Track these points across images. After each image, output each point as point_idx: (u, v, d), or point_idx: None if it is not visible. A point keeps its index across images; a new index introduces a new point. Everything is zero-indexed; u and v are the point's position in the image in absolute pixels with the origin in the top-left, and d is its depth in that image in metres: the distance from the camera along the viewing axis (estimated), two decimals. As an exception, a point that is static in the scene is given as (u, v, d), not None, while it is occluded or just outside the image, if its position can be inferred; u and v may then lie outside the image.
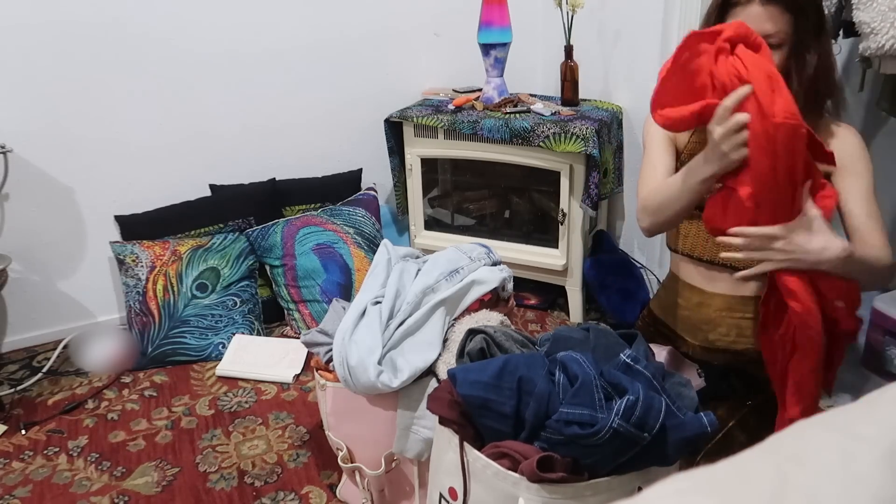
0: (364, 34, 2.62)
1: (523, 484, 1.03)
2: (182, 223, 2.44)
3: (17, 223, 2.28)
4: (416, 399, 1.44)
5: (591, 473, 1.05)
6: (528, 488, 1.03)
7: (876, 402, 0.55)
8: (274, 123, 2.59)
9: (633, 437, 1.00)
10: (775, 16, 1.26)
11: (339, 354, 1.43)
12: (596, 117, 2.28)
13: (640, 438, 1.01)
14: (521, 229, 2.61)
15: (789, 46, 1.30)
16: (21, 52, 2.15)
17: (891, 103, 2.15)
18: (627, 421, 1.00)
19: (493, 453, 1.08)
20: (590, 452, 1.03)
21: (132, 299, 2.28)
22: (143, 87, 2.34)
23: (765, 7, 1.27)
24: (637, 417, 1.00)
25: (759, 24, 1.25)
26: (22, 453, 1.89)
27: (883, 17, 1.74)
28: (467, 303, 1.55)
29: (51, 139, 2.26)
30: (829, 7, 2.02)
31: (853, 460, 0.46)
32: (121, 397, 2.12)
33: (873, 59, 1.85)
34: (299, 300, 2.43)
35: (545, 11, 2.71)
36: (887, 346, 2.02)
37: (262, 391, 2.12)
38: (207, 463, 1.82)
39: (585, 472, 1.05)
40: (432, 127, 2.44)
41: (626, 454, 1.03)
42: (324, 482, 1.74)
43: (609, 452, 1.02)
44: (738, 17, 1.28)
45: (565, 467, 1.03)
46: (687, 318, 1.54)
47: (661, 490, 0.48)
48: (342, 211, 2.55)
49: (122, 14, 2.24)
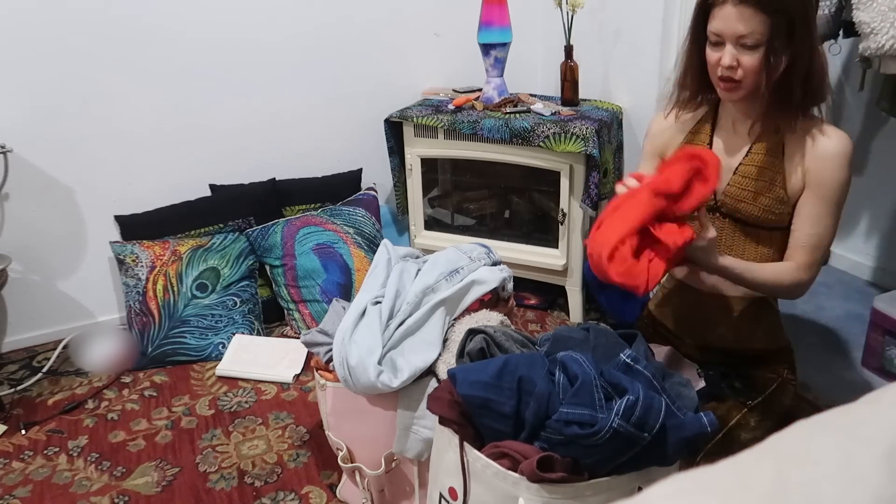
0: (364, 34, 2.62)
1: (523, 484, 1.03)
2: (182, 223, 2.44)
3: (17, 223, 2.28)
4: (416, 399, 1.44)
5: (591, 473, 1.05)
6: (528, 488, 1.03)
7: (876, 402, 0.55)
8: (274, 123, 2.59)
9: (633, 437, 1.00)
10: (748, 17, 1.25)
11: (339, 354, 1.43)
12: (596, 117, 2.28)
13: (640, 438, 1.01)
14: (521, 229, 2.61)
15: (766, 48, 1.28)
16: (21, 52, 2.15)
17: (891, 103, 2.15)
18: (627, 421, 1.00)
19: (493, 453, 1.08)
20: (590, 452, 1.03)
21: (132, 299, 2.28)
22: (144, 86, 2.34)
23: (737, 8, 1.26)
24: (637, 417, 1.00)
25: (732, 25, 1.26)
26: (22, 453, 1.89)
27: (883, 17, 1.74)
28: (467, 303, 1.55)
29: (51, 139, 2.26)
30: (829, 7, 2.02)
31: (853, 460, 0.46)
32: (121, 397, 2.12)
33: (873, 59, 1.85)
34: (299, 300, 2.42)
35: (545, 11, 2.71)
36: (887, 346, 2.02)
37: (262, 391, 2.12)
38: (207, 463, 1.82)
39: (585, 473, 1.05)
40: (432, 127, 2.44)
41: (625, 454, 1.03)
42: (324, 482, 1.74)
43: (609, 452, 1.02)
44: (715, 17, 1.29)
45: (565, 467, 1.03)
46: (685, 318, 1.54)
47: (662, 490, 0.48)
48: (342, 211, 2.55)
49: (122, 14, 2.24)
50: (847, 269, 2.70)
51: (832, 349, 2.22)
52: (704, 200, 1.25)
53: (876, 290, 2.50)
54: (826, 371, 2.10)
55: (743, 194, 1.39)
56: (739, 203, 1.40)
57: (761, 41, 1.26)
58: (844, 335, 2.28)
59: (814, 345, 2.24)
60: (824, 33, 2.08)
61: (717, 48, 1.31)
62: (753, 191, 1.38)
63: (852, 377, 2.08)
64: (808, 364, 2.13)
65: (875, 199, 2.56)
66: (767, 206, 1.37)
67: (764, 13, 1.24)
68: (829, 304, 2.48)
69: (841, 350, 2.21)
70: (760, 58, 1.27)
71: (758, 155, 1.39)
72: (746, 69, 1.29)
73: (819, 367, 2.11)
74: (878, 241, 2.59)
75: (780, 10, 1.25)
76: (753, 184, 1.38)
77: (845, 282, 2.64)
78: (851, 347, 2.20)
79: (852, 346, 2.20)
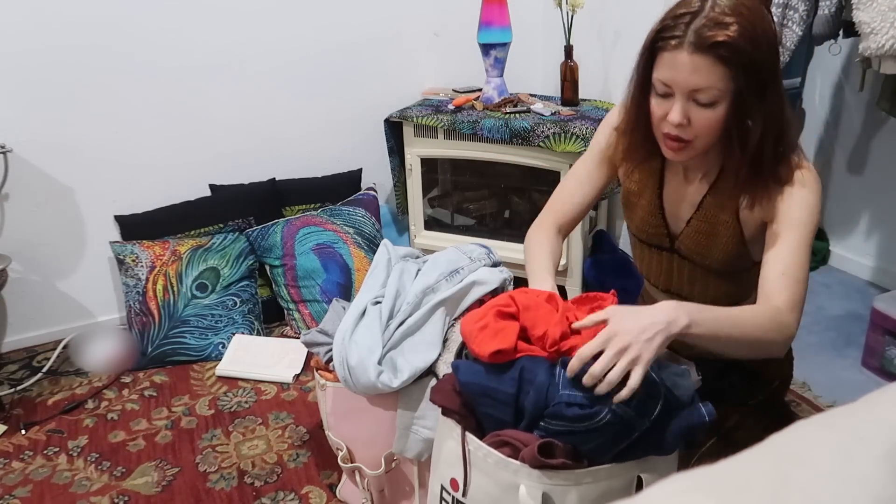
0: (364, 34, 2.62)
1: (524, 471, 1.04)
2: (182, 223, 2.44)
3: (17, 223, 2.28)
4: (416, 399, 1.44)
5: (591, 461, 1.06)
6: (528, 475, 1.03)
7: (876, 402, 0.55)
8: (274, 123, 2.59)
9: (633, 421, 1.01)
10: (705, 68, 1.03)
11: (339, 354, 1.43)
12: (596, 117, 2.28)
13: (639, 424, 1.01)
14: (521, 229, 2.59)
15: (728, 106, 1.07)
16: (21, 53, 2.15)
17: (891, 103, 2.15)
18: (628, 405, 1.00)
19: (493, 442, 1.09)
20: (589, 438, 1.03)
21: (132, 299, 2.28)
22: (144, 86, 2.34)
23: (692, 57, 1.04)
24: (637, 402, 1.00)
25: (686, 77, 1.05)
26: (22, 453, 1.89)
27: (883, 17, 1.75)
28: (467, 303, 1.54)
29: (51, 139, 2.26)
30: (829, 7, 2.02)
31: (853, 460, 0.46)
32: (121, 397, 2.12)
33: (873, 59, 1.85)
34: (299, 300, 2.42)
35: (545, 11, 2.71)
36: (887, 346, 2.02)
37: (261, 391, 2.12)
38: (207, 463, 1.82)
39: (585, 460, 1.05)
40: (432, 127, 2.44)
41: (624, 441, 1.04)
42: (324, 482, 1.74)
43: (608, 437, 1.03)
44: (665, 63, 1.08)
45: (566, 454, 1.04)
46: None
47: (662, 490, 0.48)
48: (342, 211, 2.55)
49: (122, 14, 2.24)
50: (847, 269, 2.70)
51: (832, 349, 2.22)
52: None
53: (876, 290, 2.50)
54: (826, 371, 2.10)
55: (698, 248, 1.27)
56: (696, 255, 1.29)
57: (721, 98, 1.06)
58: (844, 335, 2.28)
59: (814, 345, 2.24)
60: (824, 33, 2.08)
61: (665, 100, 1.11)
62: (707, 245, 1.26)
63: (852, 377, 2.08)
64: (808, 364, 2.13)
65: (875, 199, 2.56)
66: (726, 259, 1.25)
67: (727, 66, 1.03)
68: (829, 304, 2.48)
69: (841, 350, 2.21)
70: (716, 116, 1.08)
71: (710, 211, 1.24)
72: (699, 129, 1.09)
73: (819, 367, 2.11)
74: (878, 241, 2.59)
75: (749, 65, 1.04)
76: (706, 239, 1.26)
77: (845, 282, 2.64)
78: (851, 347, 2.20)
79: (852, 346, 2.20)
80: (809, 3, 2.03)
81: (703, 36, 1.03)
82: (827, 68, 2.63)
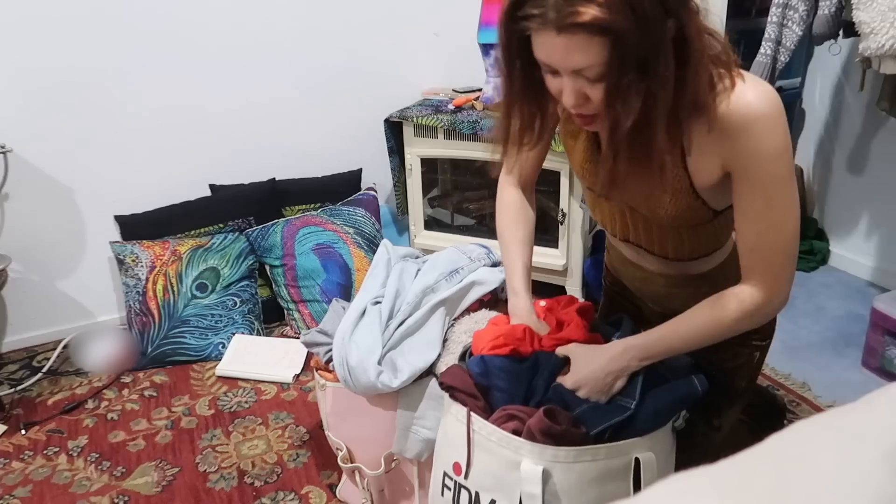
0: (364, 34, 2.62)
1: (526, 447, 1.07)
2: (182, 223, 2.44)
3: (17, 223, 2.28)
4: (416, 399, 1.44)
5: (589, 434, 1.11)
6: (530, 451, 1.07)
7: (876, 402, 0.55)
8: (274, 123, 2.59)
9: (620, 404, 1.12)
10: (578, 47, 0.88)
11: (339, 354, 1.43)
12: (596, 117, 2.27)
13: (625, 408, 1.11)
14: (521, 229, 2.60)
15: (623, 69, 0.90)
16: (21, 53, 2.15)
17: (891, 103, 2.15)
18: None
19: (500, 416, 1.12)
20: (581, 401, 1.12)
21: (132, 299, 2.28)
22: (144, 87, 2.34)
23: (561, 37, 0.88)
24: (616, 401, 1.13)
25: (562, 59, 0.91)
26: (22, 453, 1.89)
27: (883, 17, 1.75)
28: (467, 303, 1.54)
29: (51, 139, 2.26)
30: (829, 7, 2.02)
31: (853, 460, 0.46)
32: (121, 397, 2.12)
33: (873, 59, 1.85)
34: (299, 300, 2.42)
35: (545, 11, 2.71)
36: (887, 346, 2.02)
37: (261, 391, 2.12)
38: (207, 463, 1.82)
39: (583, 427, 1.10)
40: (432, 127, 2.44)
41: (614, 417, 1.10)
42: (324, 482, 1.74)
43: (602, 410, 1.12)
44: (537, 44, 0.93)
45: (568, 422, 1.09)
46: (638, 289, 1.37)
47: (662, 490, 0.48)
48: (342, 211, 2.55)
49: (122, 14, 2.24)
50: (847, 269, 2.70)
51: (832, 349, 2.22)
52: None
53: (876, 290, 2.50)
54: (826, 371, 2.10)
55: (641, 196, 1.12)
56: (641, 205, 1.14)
57: (609, 68, 0.90)
58: (844, 335, 2.28)
59: (814, 345, 2.24)
60: (824, 33, 2.09)
61: (556, 77, 0.96)
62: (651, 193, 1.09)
63: (852, 377, 2.08)
64: (808, 364, 2.13)
65: (875, 199, 2.56)
66: (676, 213, 1.09)
67: (603, 36, 0.86)
68: (829, 304, 2.48)
69: (841, 350, 2.21)
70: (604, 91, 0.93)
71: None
72: (600, 102, 0.95)
73: (819, 367, 2.11)
74: (878, 241, 2.59)
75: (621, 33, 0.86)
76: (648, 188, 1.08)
77: (845, 282, 2.64)
78: (851, 347, 2.20)
79: (852, 346, 2.20)
80: (809, 3, 2.04)
81: (565, 13, 0.86)
82: (827, 68, 2.63)
